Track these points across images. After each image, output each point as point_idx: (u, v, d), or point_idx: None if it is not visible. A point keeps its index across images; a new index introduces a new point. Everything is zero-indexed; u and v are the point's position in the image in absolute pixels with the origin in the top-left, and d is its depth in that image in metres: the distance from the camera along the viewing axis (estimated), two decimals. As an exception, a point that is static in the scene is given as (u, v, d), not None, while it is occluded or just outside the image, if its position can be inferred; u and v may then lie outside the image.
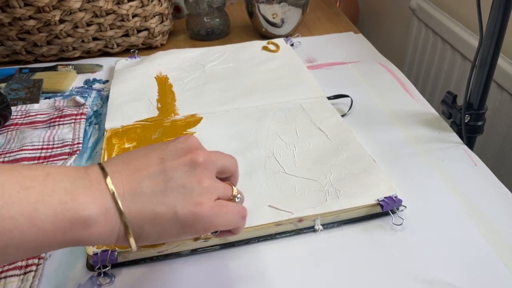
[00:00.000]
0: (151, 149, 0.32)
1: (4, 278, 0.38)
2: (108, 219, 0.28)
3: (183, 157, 0.31)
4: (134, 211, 0.29)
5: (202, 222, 0.30)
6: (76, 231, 0.27)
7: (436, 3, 1.04)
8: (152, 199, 0.29)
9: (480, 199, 0.46)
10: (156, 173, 0.30)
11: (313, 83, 0.65)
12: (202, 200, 0.30)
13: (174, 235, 0.30)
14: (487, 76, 0.53)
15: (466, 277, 0.38)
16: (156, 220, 0.29)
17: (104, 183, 0.28)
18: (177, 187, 0.30)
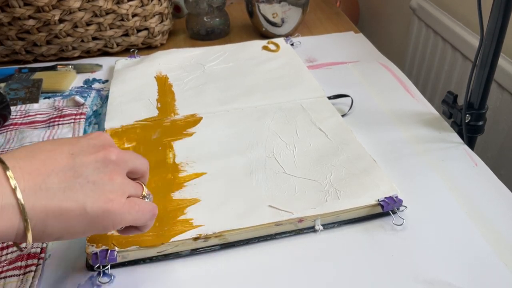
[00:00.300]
0: (59, 143, 0.31)
1: (3, 278, 0.38)
2: (5, 216, 0.26)
3: (95, 154, 0.31)
4: (38, 207, 0.28)
5: (112, 218, 0.30)
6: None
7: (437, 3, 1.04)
8: (59, 195, 0.28)
9: (480, 199, 0.46)
10: (65, 169, 0.29)
11: (313, 83, 0.65)
12: (113, 197, 0.30)
13: (81, 231, 0.30)
14: (487, 76, 0.53)
15: (466, 277, 0.38)
16: (63, 216, 0.28)
17: (4, 178, 0.27)
18: (87, 183, 0.29)
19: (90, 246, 0.39)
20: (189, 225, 0.41)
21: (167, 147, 0.52)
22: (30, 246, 0.28)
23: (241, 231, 0.41)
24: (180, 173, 0.48)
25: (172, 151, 0.51)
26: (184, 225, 0.41)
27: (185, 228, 0.41)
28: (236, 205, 0.43)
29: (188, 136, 0.54)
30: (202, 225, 0.41)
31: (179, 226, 0.41)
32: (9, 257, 0.40)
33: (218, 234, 0.40)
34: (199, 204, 0.44)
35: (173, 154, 0.51)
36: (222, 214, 0.42)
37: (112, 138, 0.34)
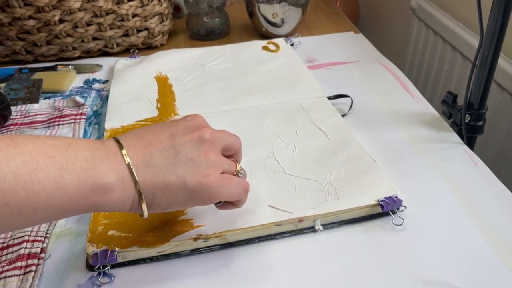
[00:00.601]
0: (161, 126, 0.35)
1: (4, 278, 0.38)
2: (124, 187, 0.31)
3: (191, 134, 0.34)
4: (148, 180, 0.32)
5: (208, 191, 0.33)
6: (96, 196, 0.30)
7: (437, 3, 1.04)
8: (164, 170, 0.32)
9: (480, 199, 0.46)
10: (167, 147, 0.33)
11: (313, 83, 0.65)
12: (209, 172, 0.33)
13: (182, 203, 0.34)
14: (487, 76, 0.53)
15: (466, 277, 0.38)
16: (167, 188, 0.32)
17: (120, 155, 0.31)
18: (186, 160, 0.33)
19: (90, 246, 0.39)
20: (189, 225, 0.41)
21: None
22: (146, 215, 0.32)
23: (241, 231, 0.41)
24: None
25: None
26: (184, 225, 0.41)
27: (185, 228, 0.41)
28: (236, 205, 0.43)
29: (188, 136, 0.54)
30: (202, 225, 0.41)
31: (179, 226, 0.41)
32: (9, 257, 0.40)
33: (218, 234, 0.41)
34: (199, 204, 0.44)
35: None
36: (222, 214, 0.42)
37: (205, 120, 0.37)
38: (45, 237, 0.42)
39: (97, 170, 0.29)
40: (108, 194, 0.30)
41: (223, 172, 0.35)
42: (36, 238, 0.41)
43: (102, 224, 0.42)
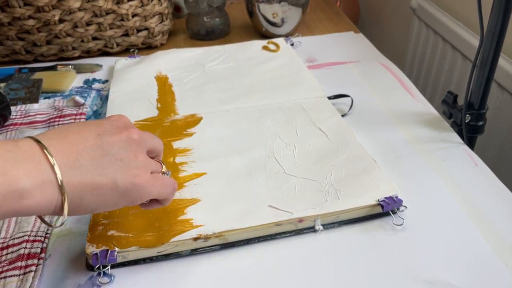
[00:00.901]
0: (85, 125, 0.33)
1: (3, 278, 0.38)
2: (46, 190, 0.28)
3: (119, 134, 0.33)
4: (74, 181, 0.30)
5: (140, 191, 0.33)
6: (11, 203, 0.27)
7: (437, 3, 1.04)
8: (92, 171, 0.31)
9: (480, 199, 0.46)
10: (94, 147, 0.32)
11: (313, 83, 0.65)
12: (139, 173, 0.33)
13: (112, 204, 0.33)
14: (487, 76, 0.53)
15: (466, 277, 0.38)
16: (97, 190, 0.31)
17: (41, 155, 0.29)
18: (115, 160, 0.32)
19: (90, 246, 0.39)
20: (189, 225, 0.41)
21: (167, 147, 0.52)
22: (65, 218, 0.31)
23: (241, 231, 0.41)
24: (180, 173, 0.48)
25: (172, 151, 0.51)
26: (184, 225, 0.41)
27: (185, 228, 0.41)
28: (236, 205, 0.43)
29: (188, 136, 0.54)
30: (202, 225, 0.41)
31: (179, 226, 0.41)
32: (9, 257, 0.40)
33: (218, 234, 0.40)
34: (199, 204, 0.44)
35: (173, 154, 0.51)
36: (222, 214, 0.42)
37: (131, 121, 0.37)
38: (45, 237, 0.42)
39: (8, 175, 0.27)
40: (24, 200, 0.28)
41: (151, 172, 0.35)
42: (36, 238, 0.41)
43: (102, 224, 0.42)
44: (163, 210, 0.43)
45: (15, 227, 0.43)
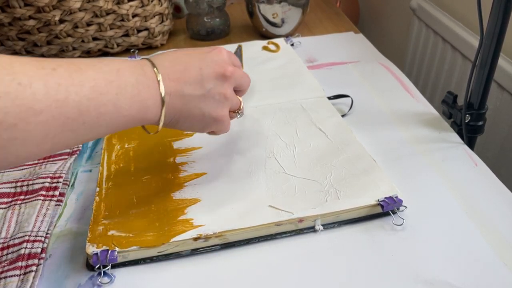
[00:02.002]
0: (191, 56, 0.39)
1: (4, 278, 0.38)
2: (158, 109, 0.36)
3: (217, 71, 0.39)
4: (176, 107, 0.38)
5: (216, 126, 0.41)
6: (142, 115, 0.35)
7: (437, 3, 1.04)
8: (190, 102, 0.38)
9: (480, 199, 0.46)
10: (196, 81, 0.38)
11: (313, 83, 0.65)
12: (223, 111, 0.41)
13: (196, 130, 0.41)
14: (487, 76, 0.53)
15: (466, 277, 0.38)
16: (189, 118, 0.39)
17: (157, 84, 0.36)
18: (209, 97, 0.39)
19: (91, 246, 0.39)
20: (189, 225, 0.41)
21: (167, 147, 0.52)
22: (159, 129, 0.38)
23: (242, 231, 0.41)
24: (181, 173, 0.48)
25: (172, 151, 0.52)
26: (185, 225, 0.41)
27: (186, 228, 0.41)
28: (236, 205, 0.43)
29: (188, 136, 0.54)
30: (203, 225, 0.41)
31: (179, 226, 0.41)
32: (10, 257, 0.40)
33: (219, 234, 0.41)
34: (199, 204, 0.44)
35: (173, 154, 0.51)
36: (222, 214, 0.42)
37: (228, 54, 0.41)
38: (46, 237, 0.42)
39: (141, 96, 0.35)
40: (147, 114, 0.36)
41: (229, 109, 0.42)
42: (36, 238, 0.41)
43: (102, 224, 0.42)
44: (163, 210, 0.43)
45: (16, 227, 0.43)
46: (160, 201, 0.44)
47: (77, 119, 0.31)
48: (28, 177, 0.49)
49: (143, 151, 0.52)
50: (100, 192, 0.46)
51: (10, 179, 0.49)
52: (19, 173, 0.50)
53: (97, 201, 0.44)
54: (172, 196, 0.45)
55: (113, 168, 0.49)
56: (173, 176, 0.47)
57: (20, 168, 0.51)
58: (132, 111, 0.35)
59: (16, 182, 0.47)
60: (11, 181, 0.48)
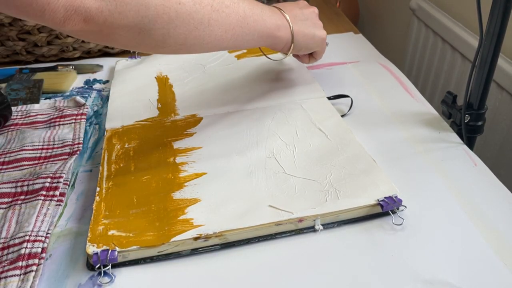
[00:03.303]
0: (290, 4, 0.56)
1: (4, 278, 0.38)
2: (286, 30, 0.53)
3: (309, 8, 0.57)
4: (296, 29, 0.54)
5: (321, 43, 0.59)
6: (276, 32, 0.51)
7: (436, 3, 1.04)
8: (303, 26, 0.55)
9: (480, 199, 0.46)
10: (300, 14, 0.55)
11: (313, 83, 0.65)
12: (323, 32, 0.58)
13: (309, 48, 0.58)
14: (487, 76, 0.53)
15: (466, 277, 0.38)
16: (305, 37, 0.55)
17: (281, 13, 0.53)
18: (311, 23, 0.56)
19: (91, 246, 0.39)
20: (189, 225, 0.41)
21: (167, 147, 0.52)
22: (290, 52, 0.56)
23: (241, 231, 0.41)
24: (181, 173, 0.48)
25: (172, 151, 0.52)
26: (185, 225, 0.41)
27: (186, 228, 0.41)
28: (236, 205, 0.44)
29: (188, 136, 0.54)
30: (203, 224, 0.41)
31: (179, 226, 0.41)
32: (10, 257, 0.40)
33: (219, 233, 0.41)
34: (199, 204, 0.44)
35: (173, 154, 0.51)
36: (222, 214, 0.42)
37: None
38: (46, 237, 0.42)
39: (275, 17, 0.51)
40: (279, 32, 0.52)
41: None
42: (36, 238, 0.41)
43: (103, 224, 0.42)
44: (163, 210, 0.43)
45: (16, 227, 0.43)
46: (160, 201, 0.44)
47: (245, 19, 0.46)
48: (28, 177, 0.49)
49: (143, 151, 0.52)
50: (100, 192, 0.46)
51: (10, 179, 0.49)
52: (20, 173, 0.50)
53: (97, 201, 0.45)
54: (172, 196, 0.45)
55: (113, 168, 0.49)
56: (173, 176, 0.48)
57: (20, 168, 0.51)
58: (271, 25, 0.50)
59: (16, 182, 0.47)
60: (12, 181, 0.48)
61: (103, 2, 0.36)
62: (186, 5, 0.40)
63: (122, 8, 0.37)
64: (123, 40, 0.40)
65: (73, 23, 0.36)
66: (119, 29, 0.38)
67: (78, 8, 0.35)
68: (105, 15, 0.36)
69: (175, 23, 0.40)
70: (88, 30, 0.37)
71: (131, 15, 0.38)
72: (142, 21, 0.38)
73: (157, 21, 0.39)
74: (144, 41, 0.41)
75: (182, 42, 0.43)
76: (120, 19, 0.37)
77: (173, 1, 0.39)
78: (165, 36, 0.41)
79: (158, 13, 0.39)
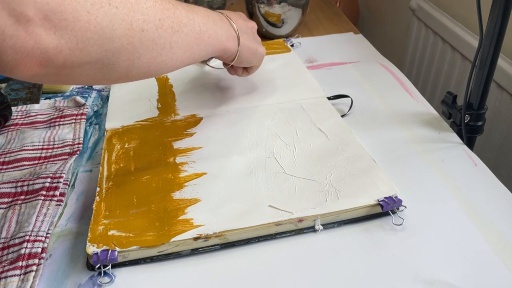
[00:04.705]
0: (235, 14, 0.54)
1: (4, 278, 0.38)
2: (234, 42, 0.51)
3: (251, 23, 0.57)
4: (242, 41, 0.52)
5: (261, 58, 0.58)
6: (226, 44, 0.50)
7: (436, 4, 1.04)
8: (247, 39, 0.54)
9: (480, 199, 0.46)
10: (245, 28, 0.54)
11: (313, 83, 0.65)
12: (264, 49, 0.58)
13: (250, 62, 0.56)
14: (487, 76, 0.53)
15: (466, 277, 0.38)
16: (249, 51, 0.54)
17: (230, 23, 0.51)
18: (253, 38, 0.56)
19: (91, 246, 0.39)
20: (189, 225, 0.41)
21: (167, 147, 0.52)
22: (235, 63, 0.54)
23: (241, 231, 0.41)
24: (181, 173, 0.48)
25: (172, 151, 0.52)
26: (185, 225, 0.41)
27: (186, 228, 0.41)
28: (236, 205, 0.44)
29: (188, 136, 0.54)
30: (203, 225, 0.41)
31: (179, 226, 0.41)
32: (10, 257, 0.40)
33: (219, 233, 0.41)
34: (199, 204, 0.44)
35: (173, 154, 0.51)
36: (222, 214, 0.42)
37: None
38: (46, 237, 0.42)
39: (225, 28, 0.50)
40: (228, 42, 0.50)
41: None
42: (36, 238, 0.41)
43: (103, 224, 0.42)
44: (163, 210, 0.43)
45: (16, 227, 0.43)
46: (160, 201, 0.44)
47: (200, 36, 0.45)
48: (28, 177, 0.49)
49: (143, 151, 0.52)
50: (100, 192, 0.46)
51: (10, 179, 0.49)
52: (20, 173, 0.50)
53: (98, 201, 0.45)
54: (172, 196, 0.45)
55: (114, 168, 0.49)
56: (173, 176, 0.48)
57: (20, 168, 0.51)
58: (222, 37, 0.49)
59: (16, 182, 0.47)
60: (12, 181, 0.48)
61: (62, 39, 0.31)
62: (149, 31, 0.38)
63: (84, 44, 0.33)
64: (83, 78, 0.36)
65: (24, 68, 0.31)
66: (80, 67, 0.34)
67: (31, 50, 0.30)
68: (64, 55, 0.32)
69: (139, 52, 0.38)
70: (43, 74, 0.33)
71: (93, 51, 0.34)
72: (106, 56, 0.35)
73: (121, 52, 0.36)
74: (106, 76, 0.37)
75: (146, 71, 0.40)
76: (81, 57, 0.33)
77: (136, 29, 0.36)
78: (129, 67, 0.38)
79: (123, 44, 0.36)
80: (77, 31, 0.32)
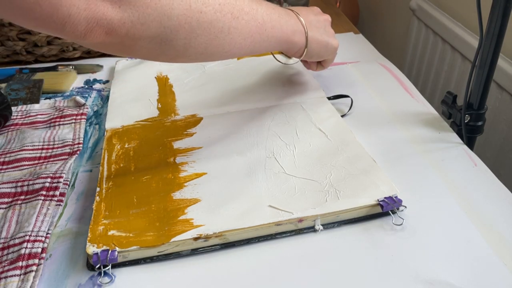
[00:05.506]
0: (305, 9, 0.56)
1: (4, 278, 0.38)
2: (301, 36, 0.52)
3: (324, 16, 0.58)
4: (311, 35, 0.53)
5: (334, 50, 0.58)
6: (292, 37, 0.51)
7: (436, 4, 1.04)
8: (317, 33, 0.55)
9: (480, 199, 0.46)
10: (315, 21, 0.55)
11: (313, 83, 0.65)
12: (336, 40, 0.58)
13: (321, 55, 0.57)
14: (487, 76, 0.53)
15: (466, 277, 0.38)
16: (319, 44, 0.55)
17: (297, 18, 0.52)
18: (324, 31, 0.56)
19: (91, 246, 0.39)
20: (189, 225, 0.41)
21: (167, 147, 0.52)
22: (301, 58, 0.56)
23: (241, 231, 0.41)
24: (181, 173, 0.48)
25: (172, 151, 0.52)
26: (185, 225, 0.41)
27: (186, 228, 0.41)
28: (236, 205, 0.44)
29: (188, 136, 0.54)
30: (203, 225, 0.41)
31: (179, 226, 0.41)
32: (10, 257, 0.40)
33: (219, 234, 0.41)
34: (199, 204, 0.44)
35: (173, 154, 0.51)
36: (222, 214, 0.42)
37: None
38: (46, 237, 0.42)
39: (291, 22, 0.51)
40: (295, 37, 0.51)
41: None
42: (36, 238, 0.41)
43: (103, 224, 0.42)
44: (163, 210, 0.43)
45: (16, 227, 0.43)
46: (160, 201, 0.44)
47: (263, 26, 0.46)
48: (28, 177, 0.49)
49: (143, 151, 0.52)
50: (100, 192, 0.46)
51: (10, 179, 0.49)
52: (20, 173, 0.50)
53: (98, 201, 0.45)
54: (172, 196, 0.45)
55: (114, 168, 0.49)
56: (173, 176, 0.48)
57: (20, 168, 0.51)
58: (287, 30, 0.50)
59: (16, 182, 0.47)
60: (12, 181, 0.48)
61: (125, 13, 0.36)
62: (207, 14, 0.40)
63: (145, 19, 0.37)
64: (144, 51, 0.40)
65: (94, 35, 0.35)
66: (141, 40, 0.38)
67: (100, 20, 0.35)
68: (127, 27, 0.36)
69: (196, 32, 0.40)
70: (109, 43, 0.37)
71: (153, 26, 0.37)
72: (164, 32, 0.38)
73: (179, 31, 0.39)
74: (165, 51, 0.41)
75: (203, 51, 0.43)
76: (142, 30, 0.37)
77: (195, 10, 0.39)
78: (186, 46, 0.41)
79: (180, 23, 0.39)
80: (139, 7, 0.36)
